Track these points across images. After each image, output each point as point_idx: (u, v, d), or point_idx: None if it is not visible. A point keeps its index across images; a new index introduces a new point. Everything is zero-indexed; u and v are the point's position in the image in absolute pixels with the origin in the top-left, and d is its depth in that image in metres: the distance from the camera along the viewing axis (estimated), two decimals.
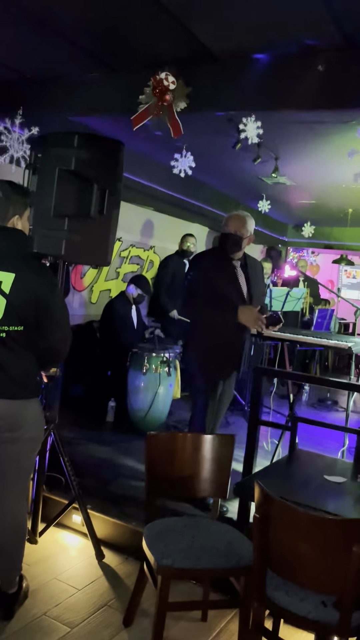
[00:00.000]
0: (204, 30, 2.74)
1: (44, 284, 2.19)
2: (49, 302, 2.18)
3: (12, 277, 2.10)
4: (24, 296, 2.12)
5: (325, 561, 1.70)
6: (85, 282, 6.24)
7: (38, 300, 2.14)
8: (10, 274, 2.10)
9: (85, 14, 2.74)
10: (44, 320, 2.17)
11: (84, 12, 2.72)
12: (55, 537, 3.08)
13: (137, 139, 4.35)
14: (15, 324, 2.12)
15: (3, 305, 2.10)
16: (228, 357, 3.36)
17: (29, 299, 2.12)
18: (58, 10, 2.73)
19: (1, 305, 2.10)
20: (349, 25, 2.47)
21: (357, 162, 2.64)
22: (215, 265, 3.33)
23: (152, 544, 2.10)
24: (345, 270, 10.94)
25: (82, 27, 2.88)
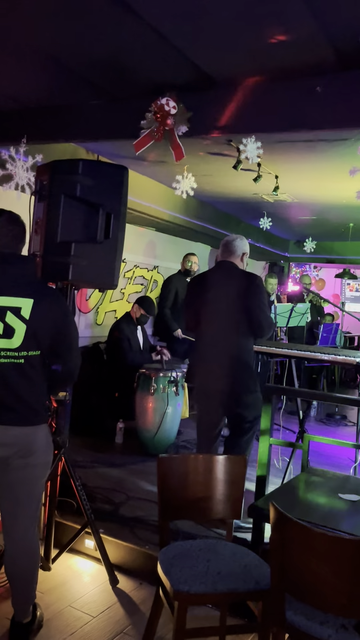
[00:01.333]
0: (203, 56, 2.79)
1: (60, 309, 2.25)
2: (64, 327, 2.25)
3: (31, 302, 2.15)
4: (42, 322, 2.16)
5: (345, 583, 1.68)
6: (91, 304, 6.27)
7: (55, 326, 2.20)
8: (29, 300, 2.15)
9: (87, 44, 2.80)
10: (58, 345, 2.23)
11: (85, 42, 2.78)
12: (68, 563, 3.05)
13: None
14: (34, 349, 2.16)
15: (23, 330, 2.13)
16: (206, 376, 3.36)
17: (46, 324, 2.17)
18: (59, 41, 2.80)
19: (21, 330, 2.13)
20: (344, 46, 2.52)
21: (357, 178, 2.66)
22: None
23: (167, 569, 2.07)
24: (348, 284, 10.96)
25: (83, 57, 2.94)
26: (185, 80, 3.03)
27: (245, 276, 3.40)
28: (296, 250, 9.66)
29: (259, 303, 3.31)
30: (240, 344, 3.34)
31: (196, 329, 3.53)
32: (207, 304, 3.39)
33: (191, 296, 3.60)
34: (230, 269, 3.42)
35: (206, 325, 3.41)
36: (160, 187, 5.86)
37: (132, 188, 4.30)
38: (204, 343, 3.45)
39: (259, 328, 3.33)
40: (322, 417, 6.78)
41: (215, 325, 3.36)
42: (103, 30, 2.66)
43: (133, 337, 5.42)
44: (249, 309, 3.28)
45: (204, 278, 3.58)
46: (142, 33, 2.62)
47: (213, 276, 3.52)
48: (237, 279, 3.37)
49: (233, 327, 3.31)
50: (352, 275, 8.18)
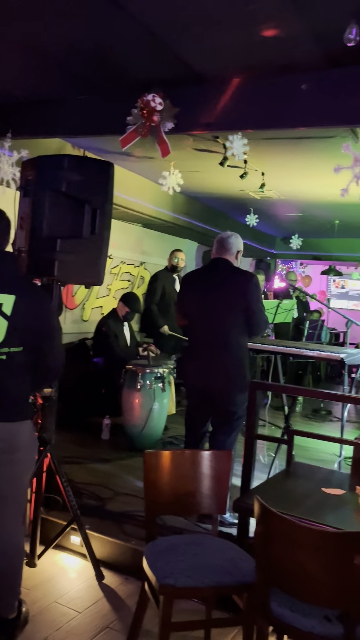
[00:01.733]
0: (190, 52, 2.79)
1: (43, 306, 2.24)
2: (47, 324, 2.24)
3: (13, 299, 2.13)
4: (24, 318, 2.15)
5: (328, 575, 1.71)
6: (77, 300, 6.25)
7: (37, 322, 2.19)
8: (11, 296, 2.14)
9: (73, 38, 2.79)
10: (42, 341, 2.22)
11: (71, 36, 2.77)
12: (54, 559, 3.05)
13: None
14: (16, 345, 2.15)
15: (5, 327, 2.12)
16: (200, 373, 3.38)
17: (29, 320, 2.16)
18: (46, 34, 2.78)
19: (3, 326, 2.12)
20: (330, 45, 2.53)
21: (343, 176, 2.68)
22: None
23: (153, 564, 2.09)
24: (334, 281, 11.05)
25: (70, 51, 2.93)
26: (172, 76, 3.03)
27: (243, 274, 3.41)
28: (283, 247, 9.71)
29: (257, 302, 3.33)
30: (236, 342, 3.34)
31: (189, 326, 3.52)
32: (202, 301, 3.37)
33: (185, 293, 3.58)
34: (226, 267, 3.42)
35: (201, 322, 3.40)
36: (147, 183, 5.86)
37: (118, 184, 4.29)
38: (198, 340, 3.44)
39: (256, 326, 3.35)
40: (308, 412, 6.83)
41: (210, 322, 3.35)
42: (90, 24, 2.65)
43: (120, 333, 5.42)
44: (248, 307, 3.29)
45: (198, 275, 3.58)
46: (130, 28, 2.61)
47: (208, 273, 3.51)
48: (234, 277, 3.37)
49: (229, 325, 3.32)
50: (337, 272, 8.25)
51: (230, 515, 3.29)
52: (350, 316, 5.19)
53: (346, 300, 11.21)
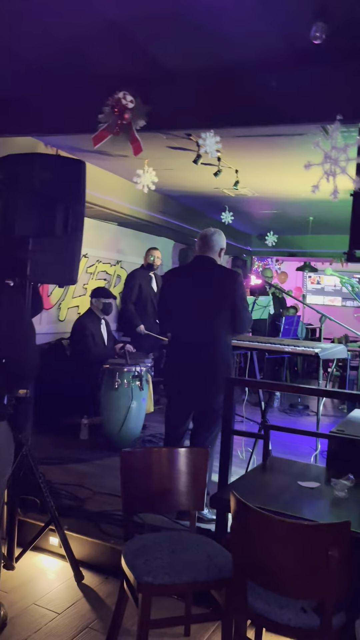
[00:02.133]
0: (160, 50, 2.79)
1: (13, 306, 2.20)
2: (18, 325, 2.19)
3: None
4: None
5: (303, 567, 1.73)
6: (53, 300, 6.20)
7: (8, 324, 2.15)
8: None
9: (42, 35, 2.76)
10: (14, 346, 2.17)
11: (40, 34, 2.74)
12: (32, 561, 3.03)
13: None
14: None
15: None
16: (184, 371, 3.38)
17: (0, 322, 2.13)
18: (14, 32, 2.75)
19: None
20: (298, 42, 2.55)
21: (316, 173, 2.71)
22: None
23: (131, 562, 2.09)
24: (310, 277, 11.16)
25: (38, 49, 2.90)
26: (143, 74, 3.02)
27: (228, 273, 3.42)
28: (258, 244, 9.77)
29: (243, 300, 3.36)
30: (222, 340, 3.35)
31: (172, 324, 3.51)
32: (188, 299, 3.37)
33: (167, 290, 3.56)
34: (210, 265, 3.42)
35: (186, 320, 3.39)
36: (122, 182, 5.83)
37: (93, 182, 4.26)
38: (183, 338, 3.43)
39: (241, 324, 3.38)
40: (286, 407, 6.90)
41: (196, 321, 3.35)
42: (59, 22, 2.62)
43: (97, 332, 5.39)
44: (234, 306, 3.31)
45: (181, 273, 3.58)
46: (99, 25, 2.60)
47: (191, 271, 3.50)
48: (219, 275, 3.38)
49: (216, 323, 3.33)
50: (312, 268, 8.33)
51: (209, 512, 3.30)
52: (325, 311, 5.25)
53: (322, 296, 11.34)
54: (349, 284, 5.46)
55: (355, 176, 2.63)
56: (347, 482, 2.19)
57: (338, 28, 2.32)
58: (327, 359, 4.23)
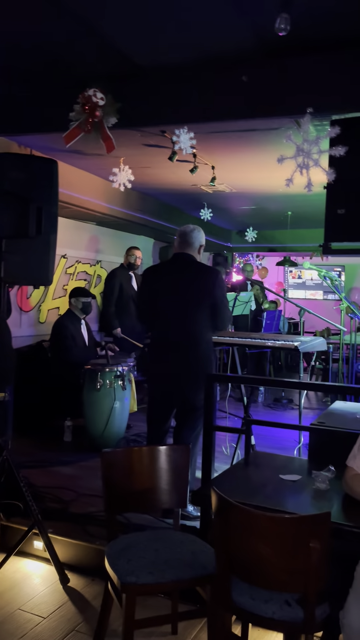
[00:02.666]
0: (129, 46, 2.77)
1: None
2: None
3: None
4: None
5: (285, 560, 1.73)
6: (32, 302, 6.14)
7: None
8: None
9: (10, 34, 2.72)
10: None
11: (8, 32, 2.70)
12: (17, 566, 2.99)
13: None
14: None
15: None
16: (166, 369, 3.37)
17: None
18: None
19: None
20: (267, 36, 2.55)
21: (290, 167, 2.71)
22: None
23: (114, 562, 2.07)
24: (290, 271, 11.21)
25: (8, 48, 2.86)
26: (113, 70, 3.00)
27: (208, 270, 3.41)
28: (238, 240, 9.78)
29: (223, 297, 3.35)
30: (204, 337, 3.34)
31: (153, 322, 3.49)
32: (169, 297, 3.35)
33: (147, 288, 3.52)
34: (189, 262, 3.40)
35: (168, 318, 3.37)
36: (98, 181, 5.79)
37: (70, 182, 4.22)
38: (165, 336, 3.41)
39: (222, 321, 3.38)
40: (270, 402, 6.93)
41: (178, 318, 3.33)
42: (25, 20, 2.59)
43: (77, 333, 5.35)
44: (214, 303, 3.30)
45: (161, 270, 3.55)
46: (68, 22, 2.57)
47: (171, 269, 3.47)
48: (199, 272, 3.36)
49: (197, 321, 3.31)
50: (292, 263, 8.37)
51: (194, 509, 3.30)
52: (307, 305, 5.28)
53: (303, 290, 11.40)
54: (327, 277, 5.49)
55: (328, 168, 2.63)
56: (328, 473, 2.19)
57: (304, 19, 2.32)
58: (308, 352, 4.25)
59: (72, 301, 5.36)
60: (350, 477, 2.08)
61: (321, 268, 5.72)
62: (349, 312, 5.80)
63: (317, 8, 2.31)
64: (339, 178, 2.65)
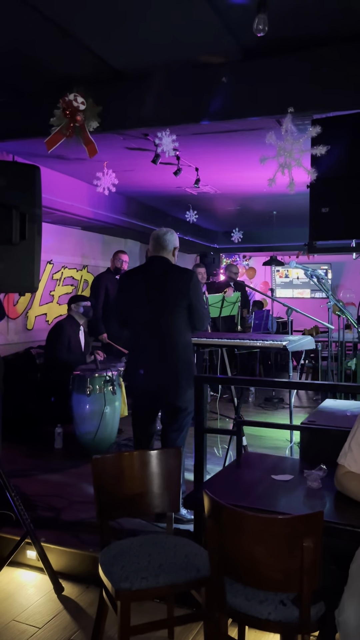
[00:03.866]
0: (107, 50, 2.76)
1: None
2: None
3: None
4: None
5: (279, 560, 1.72)
6: (19, 309, 6.10)
7: None
8: None
9: None
10: None
11: None
12: (10, 577, 2.96)
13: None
14: None
15: None
16: (145, 372, 3.36)
17: None
18: None
19: None
20: (245, 36, 2.56)
21: (272, 167, 2.72)
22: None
23: (108, 569, 2.05)
24: (278, 271, 11.26)
25: None
26: (93, 74, 2.99)
27: (183, 272, 3.40)
28: (225, 241, 9.80)
29: (198, 297, 3.36)
30: (181, 339, 3.34)
31: (132, 327, 3.48)
32: (144, 301, 3.34)
33: (123, 293, 3.53)
34: (164, 265, 3.40)
35: (144, 322, 3.37)
36: (82, 185, 5.77)
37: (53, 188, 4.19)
38: (143, 340, 3.40)
39: (199, 322, 3.38)
40: (261, 402, 6.93)
41: (154, 322, 3.32)
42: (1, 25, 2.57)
43: (75, 338, 5.34)
44: (190, 304, 3.30)
45: (136, 274, 3.54)
46: (43, 28, 2.55)
47: (146, 272, 3.47)
48: (173, 275, 3.36)
49: (174, 323, 3.31)
50: (279, 262, 8.40)
51: (188, 512, 3.29)
52: (295, 304, 5.29)
53: (291, 289, 11.46)
54: (315, 275, 5.51)
55: (310, 167, 2.64)
56: (320, 472, 2.20)
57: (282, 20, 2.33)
58: (297, 351, 4.26)
59: (72, 307, 5.40)
60: (341, 474, 2.08)
61: (307, 267, 5.74)
62: (336, 310, 5.82)
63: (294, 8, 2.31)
64: (321, 177, 2.66)
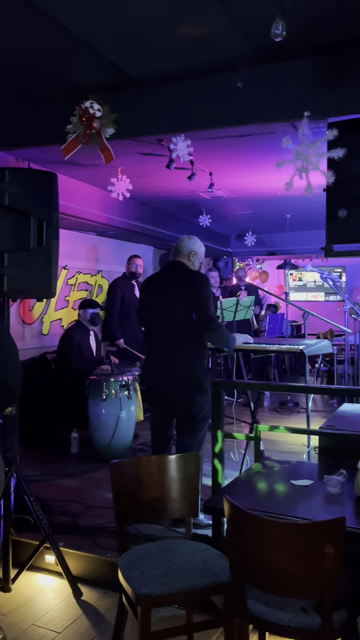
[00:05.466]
0: (122, 57, 2.78)
1: None
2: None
3: None
4: None
5: (300, 566, 1.71)
6: (35, 315, 6.14)
7: None
8: None
9: (2, 50, 2.73)
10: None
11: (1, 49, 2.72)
12: (29, 581, 2.98)
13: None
14: None
15: None
16: (159, 378, 3.36)
17: None
18: None
19: None
20: (260, 41, 2.56)
21: (287, 170, 2.71)
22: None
23: (128, 574, 2.05)
24: (291, 274, 11.21)
25: (1, 63, 2.87)
26: (108, 81, 3.01)
27: (190, 274, 3.40)
28: (238, 244, 9.79)
29: (205, 299, 3.29)
30: (192, 343, 3.32)
31: (148, 331, 3.51)
32: (157, 305, 3.38)
33: (143, 299, 3.61)
34: (177, 269, 3.42)
35: (157, 326, 3.39)
36: (96, 191, 5.81)
37: (67, 194, 4.22)
38: (155, 345, 3.42)
39: (204, 323, 3.29)
40: (276, 406, 6.90)
41: (165, 325, 3.34)
42: (18, 35, 2.60)
43: (85, 344, 5.36)
44: (192, 306, 3.27)
45: (154, 280, 3.57)
46: (59, 36, 2.58)
47: (161, 277, 3.52)
48: (183, 277, 3.37)
49: (183, 326, 3.30)
50: (293, 266, 8.37)
51: (205, 517, 3.28)
52: (309, 307, 5.27)
53: (304, 292, 11.40)
54: (330, 278, 5.48)
55: (327, 171, 2.63)
56: (340, 477, 2.18)
57: (298, 24, 2.33)
58: (313, 355, 4.24)
59: (80, 312, 5.42)
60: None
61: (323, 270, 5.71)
62: (352, 313, 5.79)
63: (311, 13, 2.31)
64: (338, 180, 2.64)
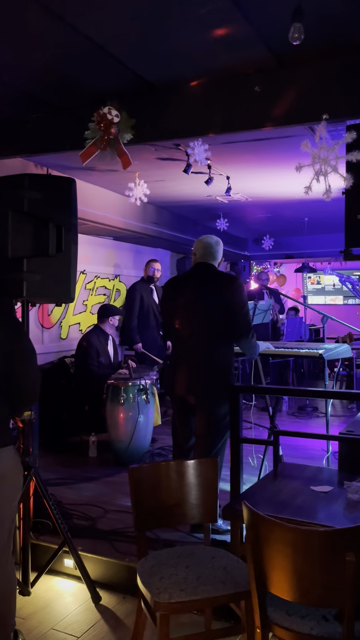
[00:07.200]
0: (140, 64, 2.79)
1: (9, 326, 2.17)
2: (18, 346, 2.16)
3: None
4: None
5: (321, 574, 1.69)
6: (54, 319, 6.19)
7: (6, 344, 2.12)
8: None
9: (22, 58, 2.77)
10: (14, 365, 2.14)
11: (20, 56, 2.75)
12: (48, 585, 2.99)
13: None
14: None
15: None
16: (184, 382, 3.32)
17: None
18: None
19: None
20: (277, 45, 2.55)
21: (306, 174, 2.70)
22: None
23: (146, 580, 2.05)
24: (309, 277, 11.13)
25: (19, 70, 2.91)
26: (126, 87, 3.03)
27: (226, 278, 3.34)
28: (255, 248, 9.76)
29: (241, 305, 3.25)
30: (220, 348, 3.26)
31: (173, 334, 3.43)
32: (185, 307, 3.30)
33: (167, 301, 3.49)
34: (209, 272, 3.36)
35: (184, 329, 3.32)
36: (114, 196, 5.84)
37: (85, 199, 4.25)
38: (182, 347, 3.36)
39: (241, 330, 3.26)
40: (294, 410, 6.85)
41: (192, 328, 3.28)
42: (38, 42, 2.63)
43: (103, 350, 5.38)
44: (232, 311, 3.22)
45: (181, 282, 3.49)
46: (78, 44, 2.60)
47: (190, 279, 3.42)
48: (217, 281, 3.30)
49: (213, 330, 3.24)
50: (311, 269, 8.31)
51: (224, 522, 3.25)
52: (327, 311, 5.23)
53: (323, 296, 11.31)
54: (349, 282, 5.44)
55: (346, 174, 2.61)
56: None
57: (315, 27, 2.32)
58: (332, 359, 4.20)
59: (100, 319, 5.46)
60: None
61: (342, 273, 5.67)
62: None
63: (328, 16, 2.30)
64: (357, 183, 2.62)
